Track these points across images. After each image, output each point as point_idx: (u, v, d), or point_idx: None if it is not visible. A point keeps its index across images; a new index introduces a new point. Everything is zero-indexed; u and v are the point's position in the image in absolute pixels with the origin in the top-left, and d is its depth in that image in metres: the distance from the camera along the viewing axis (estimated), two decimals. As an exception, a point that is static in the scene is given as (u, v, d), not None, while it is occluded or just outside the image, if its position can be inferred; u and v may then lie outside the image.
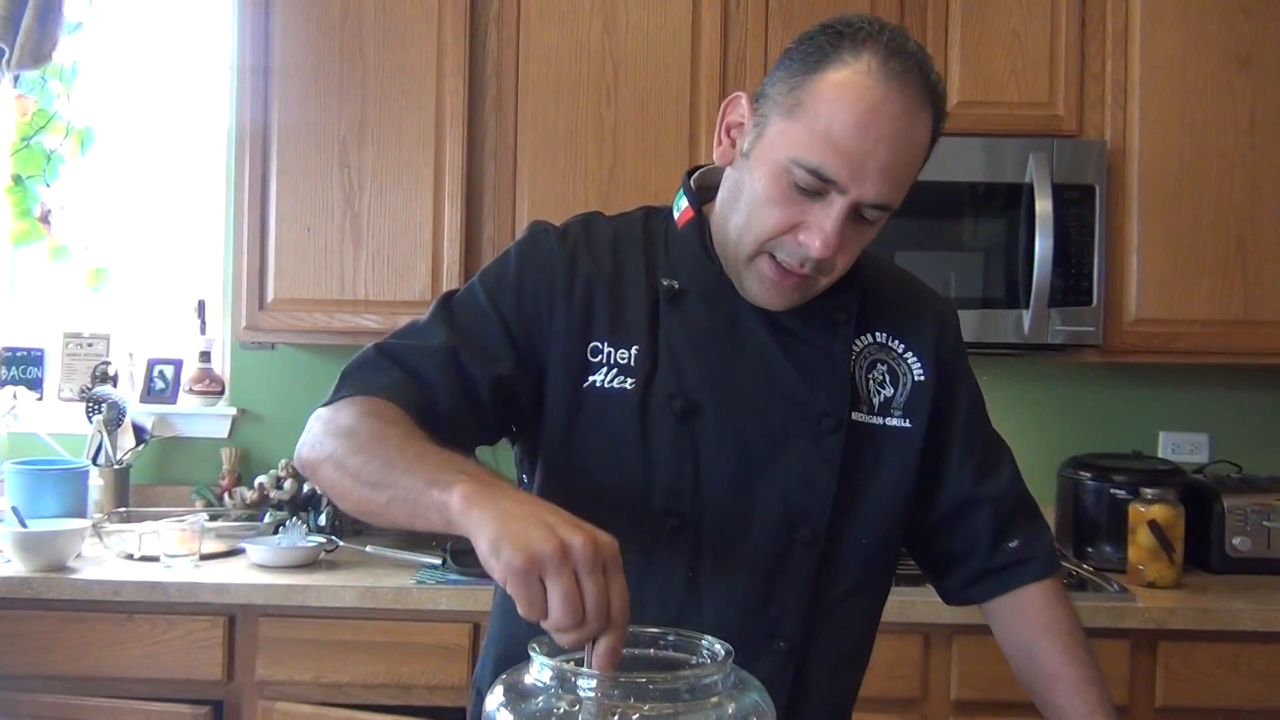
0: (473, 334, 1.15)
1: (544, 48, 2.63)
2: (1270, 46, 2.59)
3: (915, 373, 1.22)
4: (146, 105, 3.14)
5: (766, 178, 1.08)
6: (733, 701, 0.79)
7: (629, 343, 1.15)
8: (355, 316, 2.64)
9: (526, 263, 1.19)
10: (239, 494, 2.89)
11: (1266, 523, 2.59)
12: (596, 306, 1.16)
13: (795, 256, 1.08)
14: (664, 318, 1.16)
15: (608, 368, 1.15)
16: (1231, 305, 2.60)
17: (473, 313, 1.16)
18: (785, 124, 1.07)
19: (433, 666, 2.29)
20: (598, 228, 1.23)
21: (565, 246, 1.19)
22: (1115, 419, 2.95)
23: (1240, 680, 2.27)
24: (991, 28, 2.61)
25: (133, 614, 2.31)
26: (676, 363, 1.15)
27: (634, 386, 1.14)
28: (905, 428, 1.20)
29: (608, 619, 0.79)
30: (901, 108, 1.04)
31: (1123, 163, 2.60)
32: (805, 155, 1.05)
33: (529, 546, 0.79)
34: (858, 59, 1.04)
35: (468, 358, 1.12)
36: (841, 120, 1.03)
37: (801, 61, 1.07)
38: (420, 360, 1.12)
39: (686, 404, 1.13)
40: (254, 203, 2.65)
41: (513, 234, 2.64)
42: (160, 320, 3.13)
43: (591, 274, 1.18)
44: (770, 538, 1.14)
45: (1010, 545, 1.24)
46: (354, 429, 1.03)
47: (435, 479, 0.90)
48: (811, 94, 1.05)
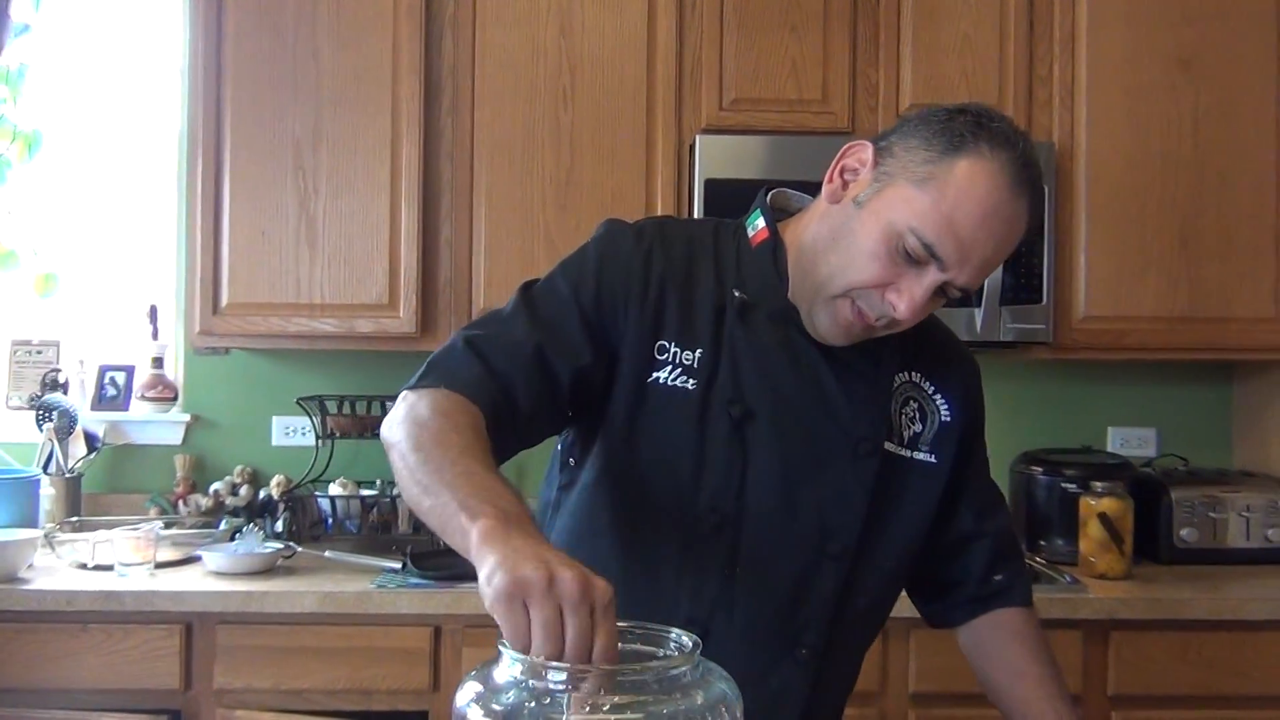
0: (555, 326, 1.18)
1: (500, 50, 2.63)
2: (1212, 49, 2.66)
3: (942, 413, 1.30)
4: (96, 108, 3.09)
5: (878, 234, 1.12)
6: (701, 692, 0.80)
7: (695, 345, 1.20)
8: (311, 321, 2.62)
9: (605, 258, 1.23)
10: (194, 501, 2.86)
11: (1212, 514, 2.66)
12: (667, 306, 1.21)
13: (876, 311, 1.14)
14: (730, 326, 1.22)
15: (673, 366, 1.20)
16: (1176, 302, 2.66)
17: (554, 305, 1.20)
18: (912, 191, 1.11)
19: (394, 671, 2.29)
20: (672, 230, 1.27)
21: (642, 245, 1.23)
22: (1065, 414, 3.01)
23: (1189, 668, 2.32)
24: (942, 30, 2.65)
25: (87, 624, 2.27)
26: (737, 370, 1.20)
27: (695, 387, 1.19)
28: (930, 462, 1.28)
29: (588, 659, 0.80)
30: (1014, 211, 1.11)
31: (1070, 163, 2.65)
32: (923, 228, 1.10)
33: (517, 572, 0.81)
34: (995, 156, 1.10)
35: (552, 352, 1.16)
36: (967, 208, 1.09)
37: (942, 138, 1.11)
38: (505, 355, 1.15)
39: (743, 410, 1.19)
40: (207, 207, 2.62)
41: (470, 237, 2.64)
42: (111, 326, 3.09)
43: (665, 274, 1.22)
44: (803, 548, 1.20)
45: (996, 578, 1.33)
46: (424, 424, 1.06)
47: (467, 505, 0.93)
48: (946, 172, 1.10)
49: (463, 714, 0.80)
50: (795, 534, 1.20)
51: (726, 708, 0.80)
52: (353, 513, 2.76)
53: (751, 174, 2.50)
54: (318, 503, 2.77)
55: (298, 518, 2.75)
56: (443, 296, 2.65)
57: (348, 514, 2.76)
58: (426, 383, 1.12)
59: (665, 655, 0.85)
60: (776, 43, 2.64)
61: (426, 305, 2.64)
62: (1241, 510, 2.66)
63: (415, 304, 2.61)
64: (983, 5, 2.66)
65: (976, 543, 1.33)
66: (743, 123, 2.58)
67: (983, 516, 1.34)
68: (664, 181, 2.62)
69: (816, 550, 1.21)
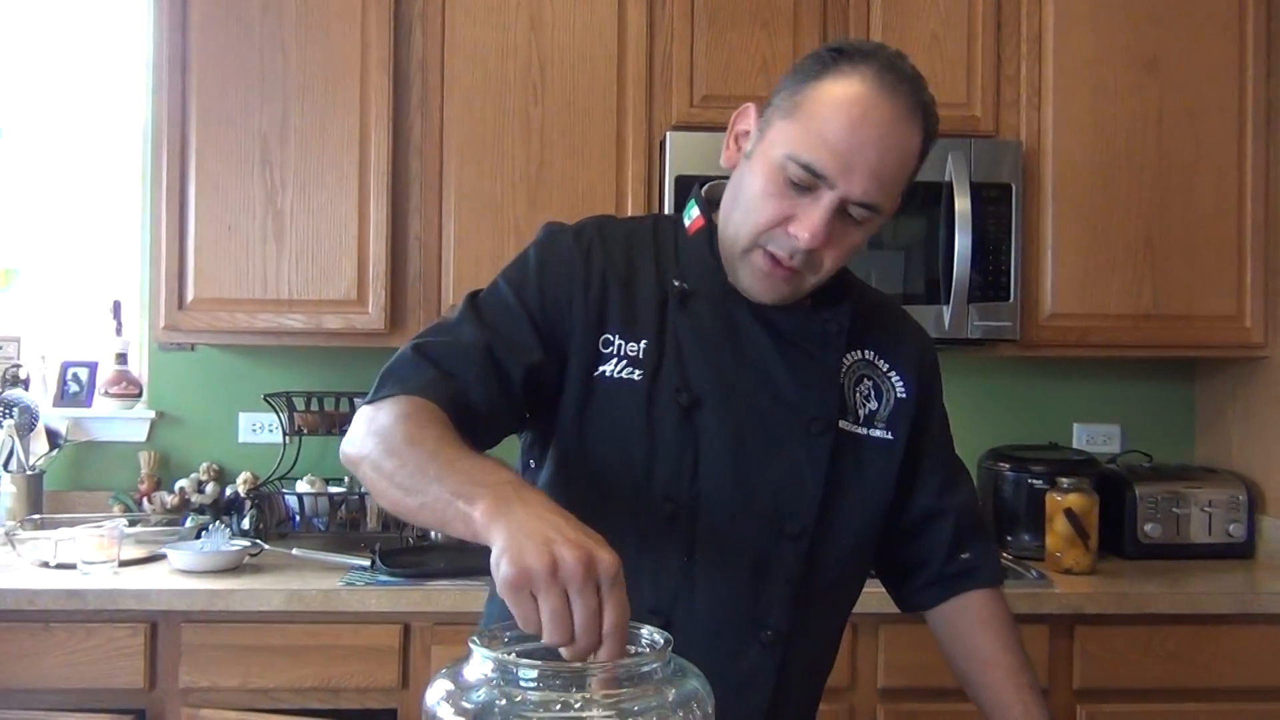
0: (503, 328, 1.20)
1: (470, 45, 2.62)
2: (1177, 50, 2.69)
3: (898, 390, 1.31)
4: (59, 100, 3.05)
5: (763, 174, 1.16)
6: (673, 688, 0.80)
7: (639, 336, 1.23)
8: (278, 316, 2.59)
9: (546, 259, 1.25)
10: (158, 499, 2.83)
11: (1176, 510, 2.69)
12: (610, 300, 1.23)
13: (785, 248, 1.16)
14: (672, 316, 1.24)
15: (618, 359, 1.22)
16: (1141, 300, 2.69)
17: (500, 308, 1.22)
18: (784, 124, 1.16)
19: (363, 669, 2.27)
20: (611, 228, 1.30)
21: (581, 244, 1.26)
22: (1032, 411, 3.04)
23: (1153, 661, 2.35)
24: (911, 30, 2.66)
25: (50, 623, 2.24)
26: (683, 359, 1.22)
27: (642, 378, 1.21)
28: (887, 439, 1.29)
29: (599, 635, 0.81)
30: (892, 115, 1.12)
31: (1038, 162, 2.68)
32: (799, 151, 1.13)
33: (522, 561, 0.82)
34: (855, 70, 1.13)
35: (501, 351, 1.18)
36: (835, 120, 1.12)
37: (804, 72, 1.17)
38: (456, 357, 1.17)
39: (690, 398, 1.20)
40: (172, 201, 2.59)
41: (440, 232, 2.62)
42: (73, 321, 3.05)
43: (606, 269, 1.24)
44: (760, 531, 1.21)
45: (963, 556, 1.33)
46: (391, 430, 1.07)
47: (461, 491, 0.93)
48: (810, 98, 1.15)
49: (433, 712, 0.80)
50: (752, 517, 1.21)
51: (698, 703, 0.80)
52: (320, 510, 2.74)
53: (722, 171, 2.49)
54: (285, 500, 2.75)
55: (264, 515, 2.72)
56: (412, 292, 2.63)
57: (315, 511, 2.74)
58: (382, 394, 1.14)
59: (637, 652, 0.85)
60: (747, 39, 2.64)
61: (395, 301, 2.62)
62: (1204, 506, 2.70)
63: (384, 300, 2.60)
64: (951, 5, 2.67)
65: (939, 520, 1.34)
66: (713, 120, 2.58)
67: (944, 492, 1.34)
68: (634, 177, 2.62)
69: (774, 532, 1.21)
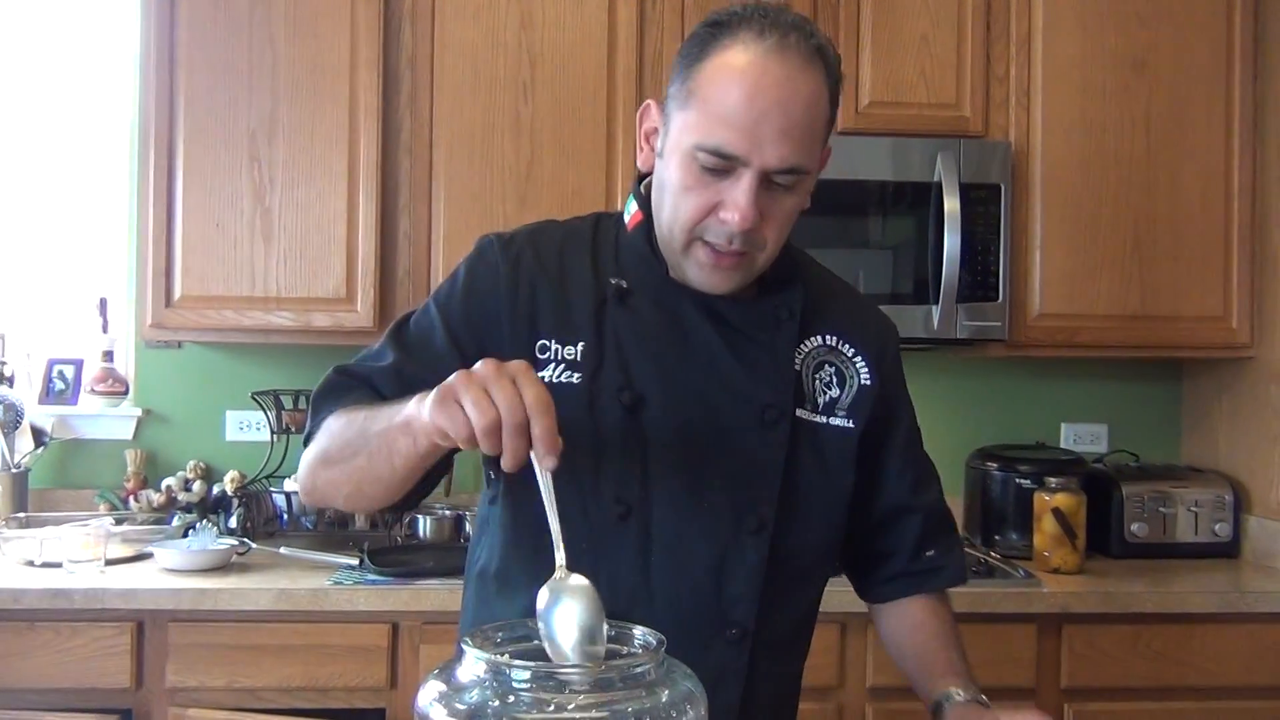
0: (420, 346, 1.22)
1: (459, 42, 2.61)
2: (1164, 52, 2.70)
3: (862, 376, 1.28)
4: (45, 96, 3.03)
5: (678, 168, 1.14)
6: (666, 690, 0.79)
7: (575, 339, 1.20)
8: (266, 314, 2.58)
9: (474, 271, 1.25)
10: (145, 497, 2.81)
11: (1162, 509, 2.71)
12: (541, 305, 1.22)
13: (722, 235, 1.13)
14: (611, 315, 1.22)
15: (555, 363, 1.20)
16: (1129, 301, 2.70)
17: (423, 325, 1.25)
18: (683, 115, 1.14)
19: (351, 668, 2.26)
20: (545, 233, 1.28)
21: (510, 252, 1.24)
22: (1020, 411, 3.05)
23: (1140, 660, 2.36)
24: (901, 31, 2.67)
25: (35, 622, 2.23)
26: (624, 357, 1.20)
27: (581, 380, 1.19)
28: (848, 428, 1.26)
29: (524, 411, 0.90)
30: (784, 73, 1.09)
31: (1026, 163, 2.68)
32: (704, 138, 1.10)
33: (443, 385, 0.94)
34: (735, 40, 1.10)
35: (413, 370, 1.19)
36: (728, 97, 1.09)
37: (688, 56, 1.15)
38: (376, 378, 1.21)
39: (633, 396, 1.18)
40: (159, 198, 2.57)
41: (429, 230, 2.62)
42: (60, 318, 3.03)
43: (535, 274, 1.23)
44: (718, 527, 1.18)
45: (928, 554, 1.33)
46: (328, 431, 1.15)
47: (395, 413, 1.03)
48: (699, 81, 1.12)
49: (426, 713, 0.80)
50: (708, 515, 1.18)
51: (691, 705, 0.80)
52: (308, 509, 2.73)
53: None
54: (272, 498, 2.74)
55: (252, 514, 2.71)
56: (401, 290, 2.62)
57: (303, 510, 2.73)
58: (317, 422, 1.20)
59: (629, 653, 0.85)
60: (737, 39, 2.64)
61: (384, 299, 2.61)
62: (1190, 505, 2.71)
63: (373, 298, 2.59)
64: (941, 6, 2.68)
65: (908, 516, 1.33)
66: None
67: (915, 490, 1.33)
68: (624, 176, 2.62)
69: (733, 527, 1.19)
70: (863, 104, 2.65)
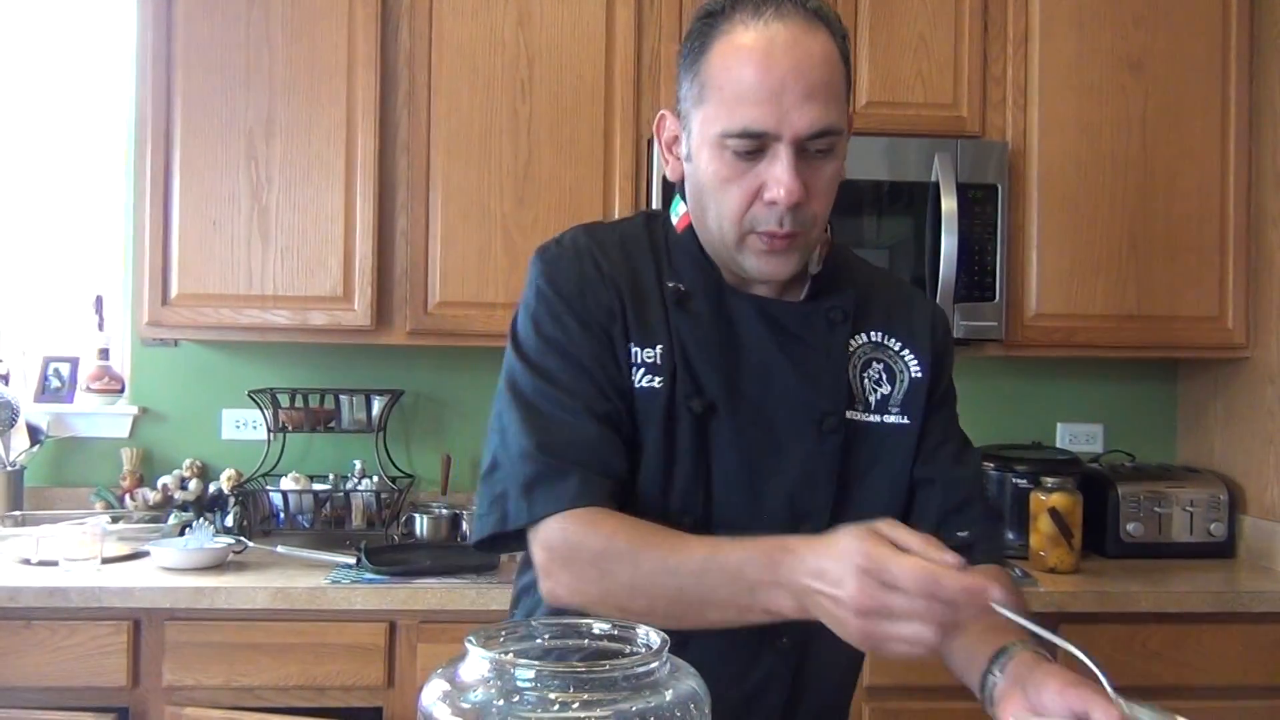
0: (593, 393, 1.15)
1: (457, 40, 2.61)
2: (1160, 52, 2.71)
3: (912, 370, 1.24)
4: (42, 94, 3.02)
5: (710, 162, 1.12)
6: (670, 689, 0.79)
7: (654, 342, 1.17)
8: (263, 313, 2.58)
9: (567, 294, 1.18)
10: (141, 495, 2.81)
11: (1158, 509, 2.71)
12: (626, 309, 1.18)
13: (773, 219, 1.10)
14: (674, 320, 1.18)
15: (642, 368, 1.17)
16: (1125, 301, 2.71)
17: (570, 371, 1.16)
18: (701, 110, 1.12)
19: (348, 667, 2.26)
20: (603, 235, 1.24)
21: (585, 264, 1.20)
22: (1016, 411, 3.06)
23: (1136, 659, 2.37)
24: (898, 31, 2.67)
25: (31, 620, 2.22)
26: (691, 364, 1.17)
27: (662, 385, 1.16)
28: (903, 424, 1.22)
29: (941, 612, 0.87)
30: (789, 38, 1.07)
31: (1023, 163, 2.69)
32: (728, 124, 1.08)
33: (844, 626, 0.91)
34: (733, 23, 1.09)
35: (609, 408, 1.14)
36: (742, 77, 1.07)
37: (691, 53, 1.14)
38: (596, 451, 1.12)
39: (703, 404, 1.16)
40: (156, 196, 2.57)
41: (426, 229, 2.61)
42: (56, 316, 3.02)
43: (615, 279, 1.19)
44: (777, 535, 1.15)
45: (961, 535, 1.22)
46: (603, 571, 1.06)
47: (754, 589, 0.97)
48: (710, 73, 1.10)
49: (430, 712, 0.79)
50: (766, 525, 1.14)
51: (695, 705, 0.80)
52: (305, 507, 2.73)
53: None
54: (269, 497, 2.74)
55: (249, 512, 2.71)
56: (398, 289, 2.62)
57: (300, 509, 2.73)
58: (539, 512, 1.09)
59: (633, 652, 0.85)
60: (735, 38, 2.64)
61: (381, 298, 2.61)
62: (1185, 505, 2.72)
63: (370, 296, 2.59)
64: (938, 6, 2.68)
65: (925, 489, 1.23)
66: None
67: (951, 462, 1.24)
68: (622, 175, 2.62)
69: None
70: (860, 104, 2.65)
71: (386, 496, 2.74)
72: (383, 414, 2.78)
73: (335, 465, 2.88)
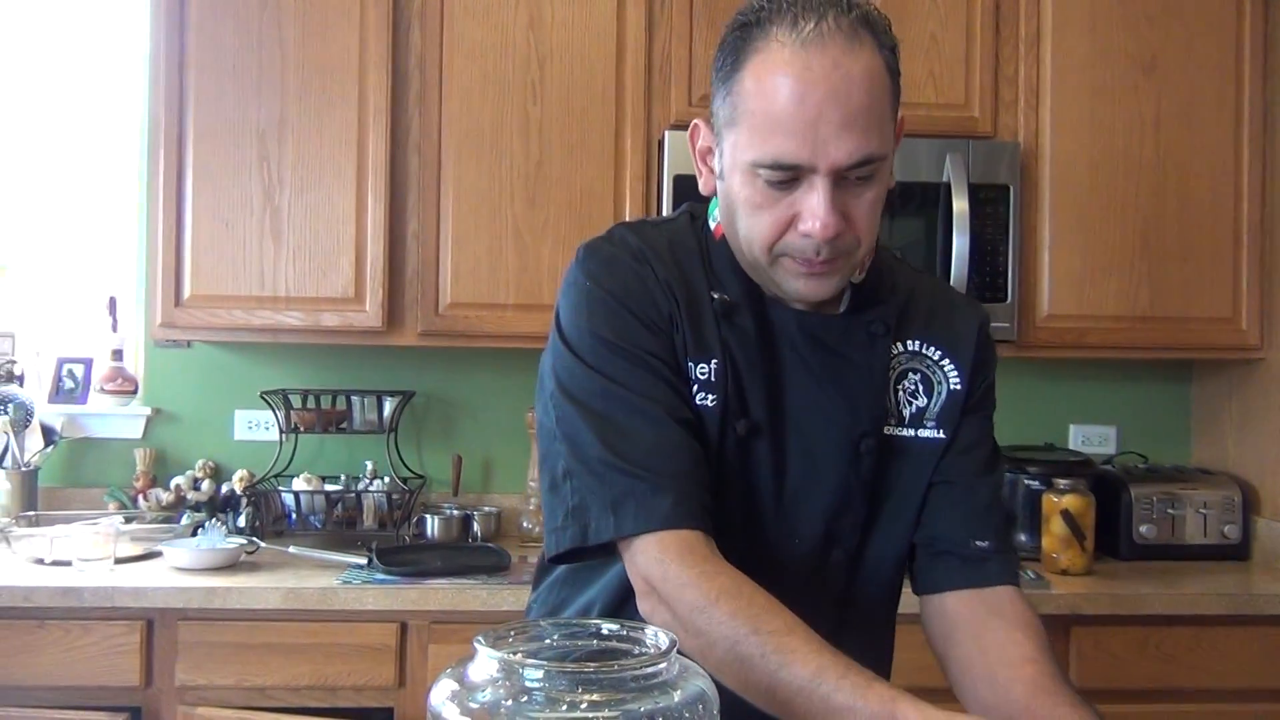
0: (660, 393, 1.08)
1: (468, 42, 2.61)
2: (1173, 52, 2.70)
3: (951, 381, 1.18)
4: (56, 96, 3.04)
5: (743, 188, 1.06)
6: (679, 690, 0.79)
7: (708, 356, 1.11)
8: (276, 314, 2.59)
9: (626, 296, 1.11)
10: (154, 496, 2.82)
11: (1171, 511, 2.70)
12: (681, 319, 1.11)
13: (808, 249, 1.05)
14: (724, 333, 1.12)
15: (697, 384, 1.11)
16: (1138, 302, 2.69)
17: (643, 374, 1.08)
18: (733, 134, 1.05)
19: (360, 667, 2.27)
20: (650, 235, 1.16)
21: (640, 263, 1.13)
22: (1028, 412, 3.04)
23: (1148, 662, 2.35)
24: (910, 31, 2.66)
25: (45, 620, 2.23)
26: (739, 381, 1.11)
27: (716, 403, 1.10)
28: (938, 438, 1.17)
29: None
30: (829, 62, 0.99)
31: (1035, 163, 2.68)
32: (760, 154, 1.02)
33: None
34: (768, 38, 1.01)
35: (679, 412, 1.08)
36: (775, 104, 1.00)
37: (723, 68, 1.06)
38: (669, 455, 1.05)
39: (749, 426, 1.11)
40: (169, 197, 2.58)
41: (438, 230, 2.61)
42: (69, 318, 3.04)
43: (669, 284, 1.12)
44: (810, 555, 1.13)
45: (980, 544, 1.16)
46: (702, 641, 0.98)
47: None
48: (741, 94, 1.03)
49: (438, 712, 0.80)
50: (801, 545, 1.12)
51: (704, 705, 0.80)
52: (317, 508, 2.73)
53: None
54: (281, 498, 2.75)
55: (261, 513, 2.72)
56: (409, 290, 2.63)
57: (312, 509, 2.74)
58: (627, 529, 1.03)
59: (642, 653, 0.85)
60: (746, 39, 2.64)
61: (393, 299, 2.62)
62: (1199, 507, 2.70)
63: (381, 297, 2.59)
64: (949, 5, 2.67)
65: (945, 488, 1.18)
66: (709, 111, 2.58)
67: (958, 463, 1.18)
68: (633, 177, 2.62)
69: (822, 557, 1.13)
70: (871, 104, 2.64)
71: (398, 497, 2.75)
72: (394, 415, 2.79)
73: (347, 466, 2.89)
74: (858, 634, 1.14)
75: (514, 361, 2.89)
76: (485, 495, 2.96)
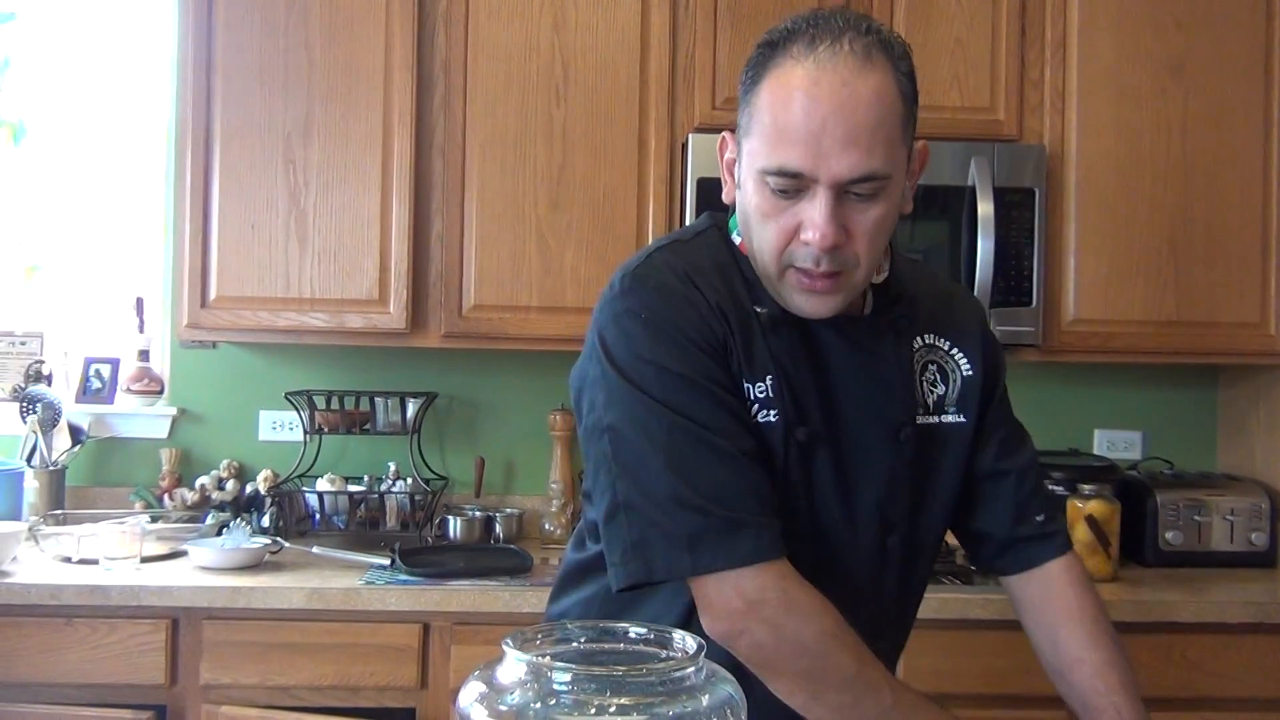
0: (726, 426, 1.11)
1: (493, 45, 2.62)
2: (1201, 55, 2.68)
3: (963, 368, 1.27)
4: (83, 99, 3.07)
5: (754, 195, 1.12)
6: (706, 694, 0.79)
7: (763, 374, 1.14)
8: (301, 315, 2.60)
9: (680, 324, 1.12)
10: (180, 495, 2.84)
11: (1197, 517, 2.67)
12: (734, 341, 1.14)
13: (809, 258, 1.10)
14: (773, 347, 1.16)
15: (756, 403, 1.14)
16: (1164, 306, 2.67)
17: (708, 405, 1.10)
18: (748, 142, 1.12)
19: (382, 668, 2.28)
20: (691, 255, 1.18)
21: (689, 288, 1.15)
22: (1053, 417, 3.02)
23: (1174, 670, 2.33)
24: (935, 34, 2.65)
25: (72, 618, 2.25)
26: (794, 390, 1.16)
27: (777, 418, 1.14)
28: (960, 422, 1.26)
29: None
30: (838, 79, 1.05)
31: (1061, 167, 2.66)
32: (768, 161, 1.08)
33: None
34: (786, 55, 1.07)
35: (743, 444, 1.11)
36: (784, 115, 1.06)
37: (745, 82, 1.13)
38: (744, 492, 1.09)
39: (808, 434, 1.15)
40: (196, 199, 2.60)
41: (461, 232, 2.62)
42: (97, 318, 3.07)
43: (720, 306, 1.14)
44: (870, 547, 1.20)
45: (1037, 519, 1.29)
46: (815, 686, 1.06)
47: None
48: (758, 106, 1.10)
49: (467, 714, 0.80)
50: (861, 539, 1.19)
51: (731, 710, 0.80)
52: (340, 508, 2.75)
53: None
54: (305, 498, 2.76)
55: (285, 513, 2.74)
56: (433, 292, 2.64)
57: (335, 509, 2.75)
58: (709, 565, 1.06)
59: (669, 657, 0.85)
60: (770, 42, 2.63)
61: (417, 301, 2.63)
62: (1226, 514, 2.68)
63: (405, 299, 2.60)
64: (975, 8, 2.66)
65: (1002, 479, 1.29)
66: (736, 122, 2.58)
67: (1006, 452, 1.29)
68: (656, 179, 2.62)
69: (880, 546, 1.20)
70: (896, 107, 2.63)
71: (420, 498, 2.76)
72: (417, 416, 2.80)
73: (370, 467, 2.90)
74: (911, 610, 1.29)
75: (537, 364, 2.90)
76: (507, 497, 2.97)
